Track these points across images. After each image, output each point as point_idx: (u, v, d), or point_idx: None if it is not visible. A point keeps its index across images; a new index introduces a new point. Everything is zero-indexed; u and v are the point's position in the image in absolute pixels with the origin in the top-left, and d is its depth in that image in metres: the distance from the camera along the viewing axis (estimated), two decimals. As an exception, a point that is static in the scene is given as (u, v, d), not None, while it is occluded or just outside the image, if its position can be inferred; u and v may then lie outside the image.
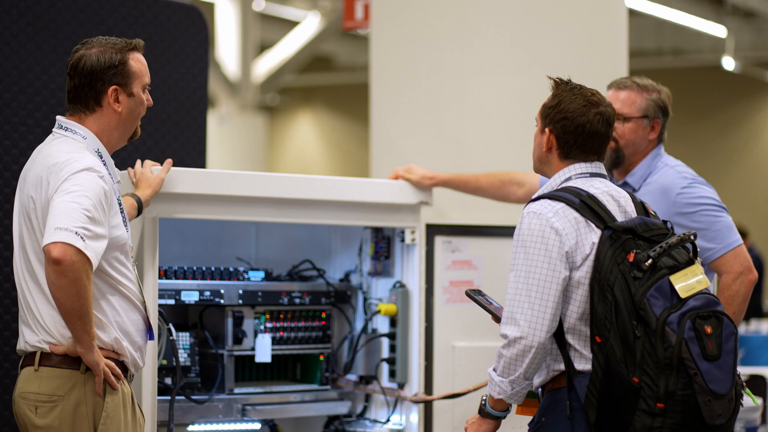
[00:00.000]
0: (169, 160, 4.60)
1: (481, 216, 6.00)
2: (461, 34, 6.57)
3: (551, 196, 3.88)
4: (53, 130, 4.01)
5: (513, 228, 5.27)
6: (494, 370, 3.88)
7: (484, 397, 3.95)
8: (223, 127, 19.08)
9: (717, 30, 17.66)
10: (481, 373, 5.26)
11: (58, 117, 4.00)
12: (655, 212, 3.99)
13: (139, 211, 4.44)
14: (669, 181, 4.63)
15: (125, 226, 3.96)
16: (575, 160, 3.97)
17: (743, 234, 10.69)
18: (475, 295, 4.19)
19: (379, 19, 6.91)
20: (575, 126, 3.93)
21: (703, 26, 17.51)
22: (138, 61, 4.03)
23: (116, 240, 3.88)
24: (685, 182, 4.62)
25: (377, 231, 5.39)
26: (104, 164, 3.94)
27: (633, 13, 16.27)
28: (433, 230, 5.34)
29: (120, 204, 3.96)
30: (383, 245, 5.38)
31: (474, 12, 6.56)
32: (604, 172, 4.01)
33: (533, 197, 3.94)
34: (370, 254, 5.40)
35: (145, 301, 4.05)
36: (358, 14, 7.86)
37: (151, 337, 4.11)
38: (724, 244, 4.60)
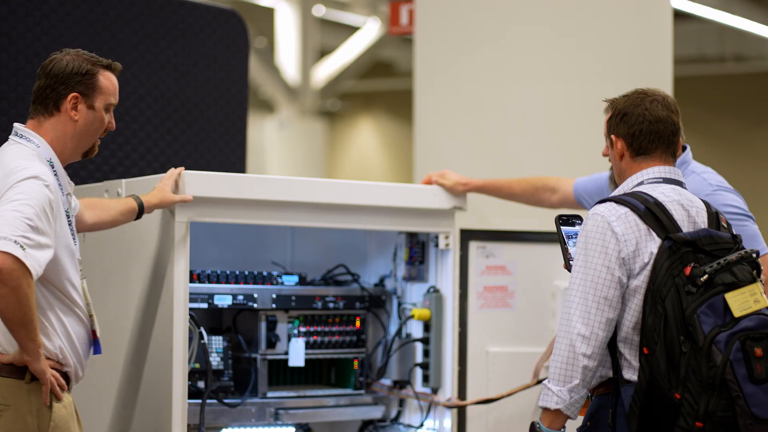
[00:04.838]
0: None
1: (522, 221, 5.98)
2: (503, 39, 6.57)
3: (617, 199, 3.82)
4: (9, 136, 3.95)
5: (547, 233, 5.32)
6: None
7: (538, 423, 3.85)
8: (283, 133, 19.18)
9: (780, 36, 17.48)
10: (515, 379, 5.25)
11: (15, 124, 3.95)
12: (728, 225, 3.92)
13: (139, 215, 4.42)
14: (693, 188, 4.54)
15: (73, 238, 3.91)
16: (649, 158, 3.92)
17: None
18: (560, 224, 4.04)
19: (423, 24, 6.92)
20: (636, 116, 3.90)
21: (766, 32, 17.31)
22: (108, 79, 3.99)
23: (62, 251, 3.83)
24: (710, 189, 4.55)
25: (412, 236, 5.38)
26: (55, 174, 3.87)
27: (695, 19, 16.16)
28: (468, 235, 5.33)
29: (69, 216, 3.90)
30: (417, 250, 5.38)
31: (516, 18, 6.56)
32: (680, 178, 3.96)
33: (600, 199, 3.89)
34: (405, 259, 5.40)
35: (92, 315, 3.99)
36: (403, 20, 7.88)
37: (97, 351, 4.03)
38: None
